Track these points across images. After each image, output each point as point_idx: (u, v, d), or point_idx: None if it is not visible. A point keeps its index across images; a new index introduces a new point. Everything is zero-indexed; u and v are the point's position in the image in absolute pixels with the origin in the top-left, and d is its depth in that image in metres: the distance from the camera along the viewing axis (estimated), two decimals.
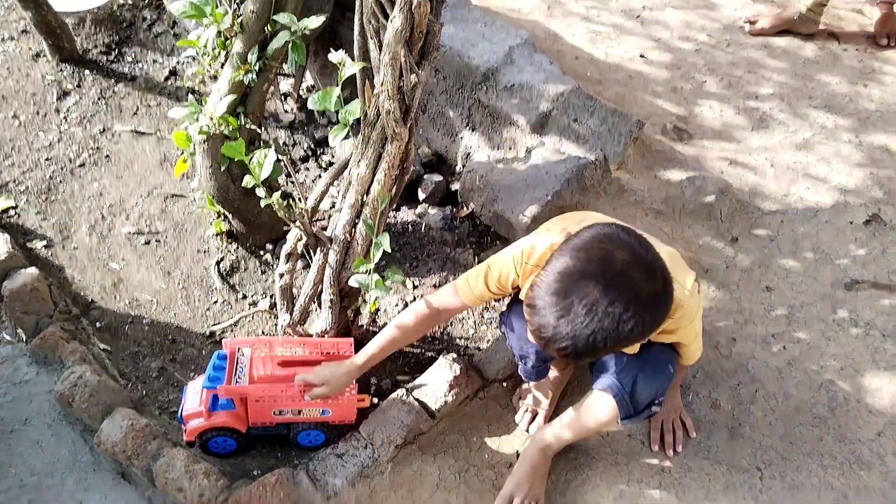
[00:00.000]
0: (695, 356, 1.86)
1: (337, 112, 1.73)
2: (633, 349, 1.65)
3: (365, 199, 1.82)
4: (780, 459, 2.03)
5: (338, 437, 1.96)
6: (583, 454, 2.02)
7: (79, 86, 2.91)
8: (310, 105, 1.73)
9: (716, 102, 3.04)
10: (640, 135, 2.63)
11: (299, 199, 1.85)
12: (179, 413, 1.90)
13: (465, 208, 2.68)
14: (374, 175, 1.79)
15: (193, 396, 1.88)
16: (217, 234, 2.47)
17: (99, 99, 2.88)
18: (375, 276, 1.83)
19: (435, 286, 2.44)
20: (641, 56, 3.16)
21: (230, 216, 2.40)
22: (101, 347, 2.11)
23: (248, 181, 1.77)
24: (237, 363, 1.91)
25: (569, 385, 2.17)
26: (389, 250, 1.71)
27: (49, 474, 1.86)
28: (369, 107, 1.76)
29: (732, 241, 2.56)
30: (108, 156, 2.69)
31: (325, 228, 1.96)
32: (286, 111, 3.04)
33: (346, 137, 1.78)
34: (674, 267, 1.44)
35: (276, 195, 1.75)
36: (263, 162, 1.69)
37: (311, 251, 2.00)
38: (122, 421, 1.82)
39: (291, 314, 2.00)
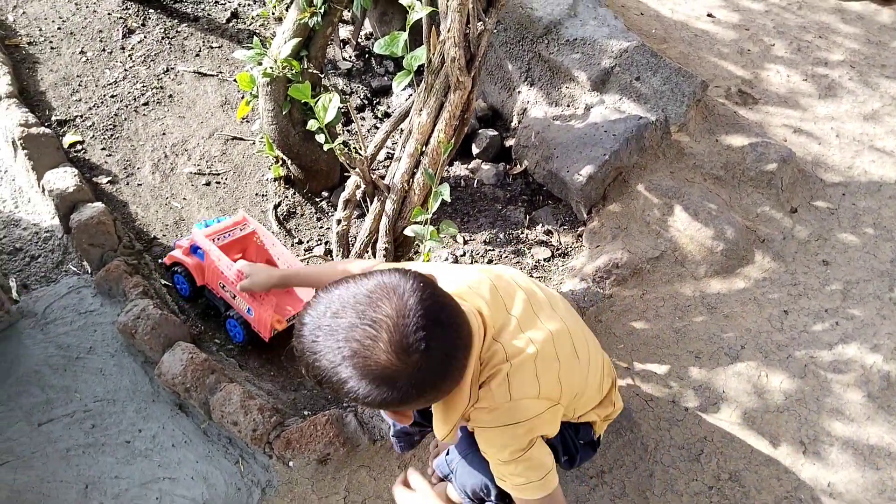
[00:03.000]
0: (504, 480, 1.37)
1: (400, 59, 1.72)
2: (441, 433, 1.33)
3: (424, 149, 1.82)
4: (825, 434, 2.02)
5: (253, 345, 2.10)
6: None
7: (143, 24, 2.95)
8: (376, 49, 1.73)
9: (783, 67, 2.95)
10: (704, 97, 2.57)
11: (359, 147, 1.87)
12: (174, 243, 2.19)
13: (518, 165, 2.67)
14: (434, 124, 1.79)
15: (188, 236, 2.09)
16: (275, 179, 2.50)
17: (163, 38, 2.91)
18: (431, 228, 1.84)
19: (486, 242, 2.45)
20: (709, 15, 3.06)
21: (288, 162, 2.43)
22: (162, 283, 2.18)
23: (312, 125, 1.79)
24: (231, 231, 2.08)
25: None
26: (449, 200, 1.72)
27: (111, 401, 1.95)
28: (434, 54, 1.75)
29: (791, 212, 2.51)
30: (170, 95, 2.73)
31: (382, 177, 1.97)
32: (344, 59, 3.04)
33: (410, 85, 1.78)
34: (520, 369, 1.26)
35: (339, 141, 1.77)
36: (328, 106, 1.70)
37: (368, 199, 2.02)
38: (182, 354, 1.89)
39: (347, 259, 2.03)
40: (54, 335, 2.06)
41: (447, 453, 1.64)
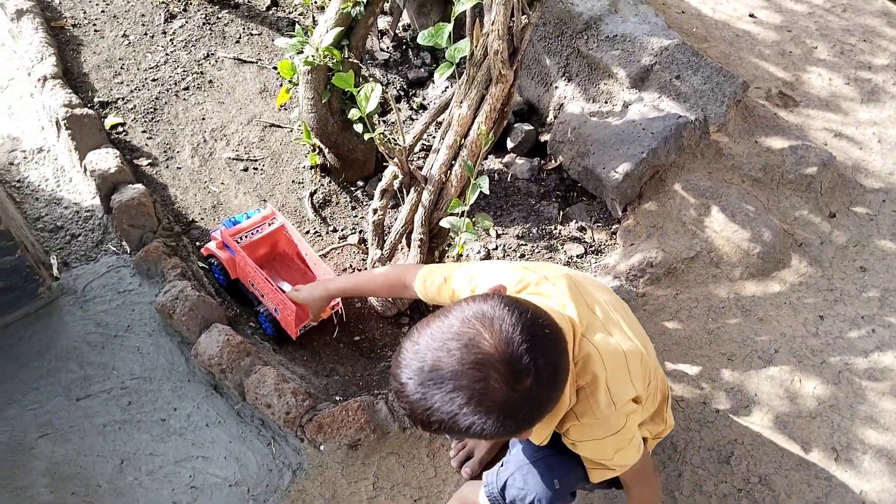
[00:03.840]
0: (604, 475, 1.45)
1: (437, 51, 1.73)
2: (539, 438, 1.38)
3: (463, 141, 1.83)
4: (858, 442, 2.00)
5: (280, 342, 2.13)
6: None
7: (185, 9, 2.98)
8: (419, 40, 1.74)
9: (825, 70, 2.91)
10: (744, 98, 2.55)
11: (397, 137, 1.88)
12: (210, 233, 2.24)
13: (553, 161, 2.66)
14: (475, 117, 1.79)
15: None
16: (312, 167, 2.53)
17: (204, 24, 2.94)
18: (467, 220, 1.85)
19: (518, 236, 2.45)
20: (751, 15, 3.03)
21: (326, 150, 2.45)
22: (200, 265, 2.21)
23: (353, 114, 1.80)
24: (259, 227, 2.10)
25: None
26: (487, 192, 1.72)
27: (147, 380, 1.99)
28: (477, 46, 1.75)
29: (830, 217, 2.48)
30: (210, 81, 2.76)
31: (419, 168, 1.98)
32: (382, 49, 3.05)
33: (451, 77, 1.78)
34: (616, 372, 1.27)
35: (379, 130, 1.78)
36: (370, 95, 1.71)
37: (404, 190, 2.03)
38: (218, 336, 1.92)
39: (382, 249, 2.05)
40: (93, 313, 2.10)
41: (501, 465, 1.59)
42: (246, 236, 2.09)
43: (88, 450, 1.85)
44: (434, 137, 2.16)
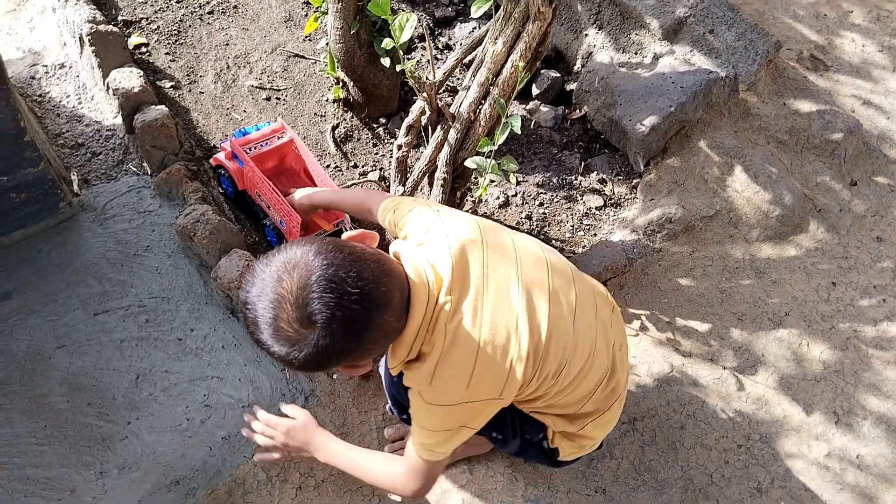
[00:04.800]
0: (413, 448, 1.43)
1: None
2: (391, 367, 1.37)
3: (495, 80, 1.80)
4: (859, 408, 2.03)
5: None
6: None
7: None
8: None
9: (859, 36, 2.86)
10: (776, 58, 2.51)
11: (427, 72, 1.85)
12: (220, 144, 2.26)
13: (578, 110, 2.63)
14: (509, 54, 1.77)
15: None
16: (335, 101, 2.50)
17: None
18: (492, 161, 1.84)
19: (538, 185, 2.44)
20: None
21: (350, 84, 2.42)
22: (220, 191, 2.21)
23: (386, 43, 1.78)
24: (269, 140, 2.12)
25: None
26: (519, 132, 1.71)
27: (165, 299, 2.01)
28: None
29: (851, 185, 2.47)
30: (235, 6, 2.72)
31: (448, 105, 1.96)
32: None
33: (488, 13, 1.76)
34: (451, 363, 1.25)
35: (412, 62, 1.76)
36: (405, 25, 1.68)
37: (430, 127, 2.02)
38: (238, 260, 1.93)
39: (404, 186, 2.04)
40: (113, 231, 2.11)
41: None
42: (255, 148, 2.10)
43: (105, 363, 1.88)
44: (461, 79, 2.13)
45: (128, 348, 1.91)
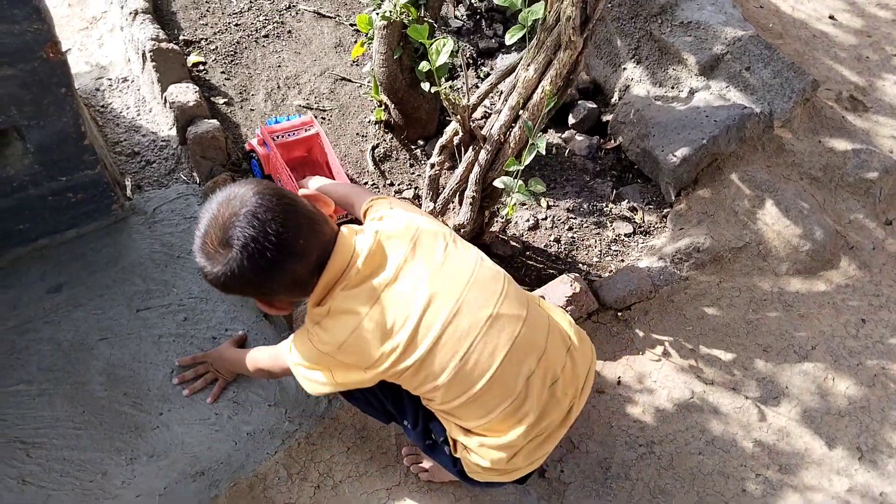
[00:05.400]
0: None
1: (509, 22, 1.78)
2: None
3: (526, 104, 1.88)
4: (885, 445, 2.00)
5: None
6: None
7: None
8: (497, 0, 1.79)
9: None
10: (813, 97, 2.53)
11: (462, 95, 1.94)
12: (256, 130, 2.42)
13: (612, 140, 2.69)
14: (540, 80, 1.84)
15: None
16: (376, 122, 2.61)
17: None
18: (520, 182, 1.91)
19: (569, 210, 2.50)
20: (831, 17, 2.99)
21: (391, 106, 2.53)
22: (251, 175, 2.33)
23: (423, 66, 1.87)
24: (296, 130, 2.30)
25: None
26: (544, 152, 1.77)
27: (204, 300, 2.11)
28: (550, 11, 1.80)
29: (886, 224, 2.45)
30: (290, 31, 2.87)
31: (480, 128, 2.04)
32: (456, 17, 3.11)
33: (519, 44, 1.84)
34: (336, 323, 1.39)
35: (447, 84, 1.84)
36: (441, 50, 1.78)
37: (463, 148, 2.10)
38: None
39: (435, 203, 2.12)
40: (160, 234, 2.23)
41: None
42: (283, 136, 2.28)
43: (143, 356, 1.98)
44: (496, 104, 2.21)
45: (165, 344, 2.01)
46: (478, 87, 2.86)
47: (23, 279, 2.08)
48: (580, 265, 2.38)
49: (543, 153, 1.76)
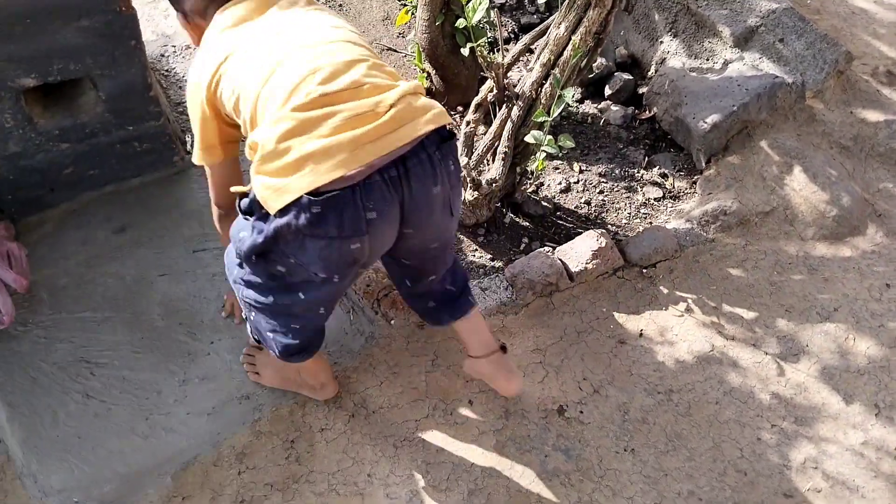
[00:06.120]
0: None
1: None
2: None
3: (557, 61, 1.99)
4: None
5: None
6: None
7: None
8: None
9: None
10: (847, 70, 2.57)
11: (497, 54, 2.06)
12: None
13: (647, 111, 2.77)
14: (570, 38, 1.95)
15: None
16: None
17: None
18: (549, 136, 2.02)
19: (601, 174, 2.59)
20: None
21: (433, 73, 2.66)
22: None
23: (460, 23, 2.00)
24: None
25: None
26: (571, 104, 1.88)
27: None
28: None
29: None
30: (340, 4, 3.03)
31: (514, 86, 2.16)
32: None
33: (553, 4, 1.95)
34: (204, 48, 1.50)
35: (483, 40, 1.97)
36: (477, 7, 1.90)
37: (497, 107, 2.22)
38: None
39: (469, 159, 2.24)
40: None
41: None
42: None
43: (198, 292, 2.16)
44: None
45: (218, 281, 2.18)
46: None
47: (91, 220, 2.28)
48: (609, 226, 2.47)
49: (570, 105, 1.87)
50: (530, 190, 2.50)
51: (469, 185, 2.22)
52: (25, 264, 2.10)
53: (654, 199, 2.52)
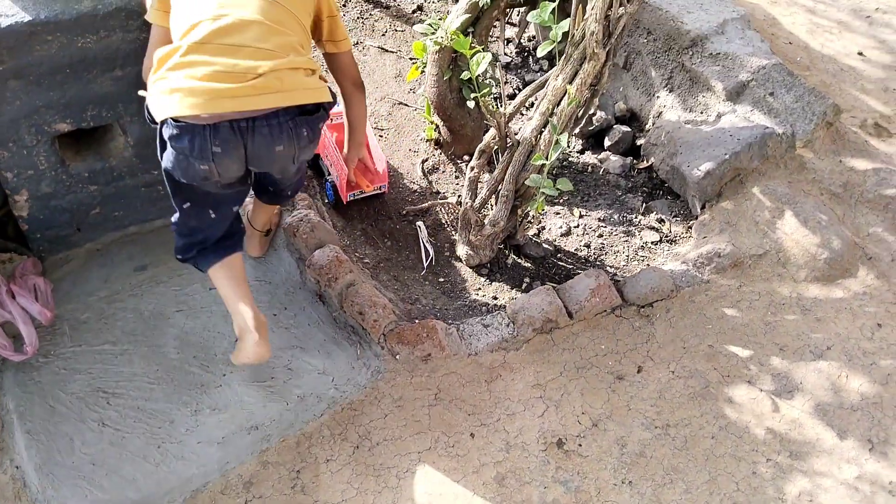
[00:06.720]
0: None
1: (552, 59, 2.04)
2: None
3: (555, 110, 2.12)
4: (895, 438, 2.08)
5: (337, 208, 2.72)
6: None
7: (344, 5, 3.48)
8: (528, 18, 2.07)
9: None
10: (836, 122, 2.69)
11: (500, 106, 2.20)
12: None
13: (645, 161, 2.90)
14: (566, 89, 2.09)
15: None
16: (427, 140, 2.90)
17: (358, 18, 3.43)
18: (548, 179, 2.14)
19: (600, 219, 2.70)
20: (859, 53, 3.15)
21: (441, 125, 2.82)
22: (325, 202, 2.62)
23: (465, 74, 2.14)
24: (340, 116, 2.51)
25: None
26: (573, 154, 2.00)
27: (267, 283, 2.38)
28: (577, 28, 2.05)
29: None
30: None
31: (515, 134, 2.29)
32: (505, 54, 3.41)
33: (552, 55, 2.09)
34: None
35: (486, 91, 2.11)
36: (481, 61, 2.05)
37: (499, 153, 2.35)
38: (330, 252, 2.29)
39: (473, 202, 2.36)
40: None
41: None
42: (331, 120, 2.63)
43: (212, 327, 2.26)
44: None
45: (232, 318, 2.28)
46: (521, 114, 3.14)
47: (114, 259, 2.40)
48: (608, 267, 2.56)
49: (566, 149, 1.99)
50: (532, 233, 2.61)
51: (473, 226, 2.33)
52: (51, 298, 2.21)
53: (652, 242, 2.62)
